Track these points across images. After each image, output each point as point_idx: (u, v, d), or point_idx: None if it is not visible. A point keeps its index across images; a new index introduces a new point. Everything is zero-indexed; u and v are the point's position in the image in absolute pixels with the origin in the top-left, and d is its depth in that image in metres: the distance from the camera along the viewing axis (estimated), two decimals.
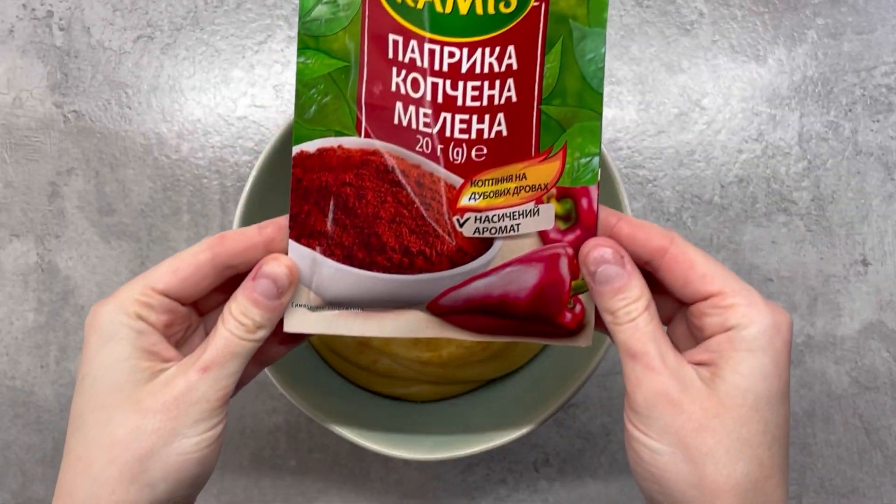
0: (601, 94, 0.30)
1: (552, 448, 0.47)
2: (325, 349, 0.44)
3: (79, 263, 0.47)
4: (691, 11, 0.49)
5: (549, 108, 0.30)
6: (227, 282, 0.31)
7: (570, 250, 0.30)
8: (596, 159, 0.30)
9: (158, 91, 0.48)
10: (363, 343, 0.43)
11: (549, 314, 0.31)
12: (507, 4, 0.29)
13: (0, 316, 0.47)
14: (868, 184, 0.48)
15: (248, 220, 0.41)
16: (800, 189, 0.48)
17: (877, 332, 0.48)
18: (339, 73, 0.29)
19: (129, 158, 0.48)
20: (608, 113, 0.48)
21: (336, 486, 0.47)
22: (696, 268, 0.29)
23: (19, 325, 0.47)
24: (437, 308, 0.31)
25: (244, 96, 0.48)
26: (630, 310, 0.29)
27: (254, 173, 0.40)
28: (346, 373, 0.44)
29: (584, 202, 0.30)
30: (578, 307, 0.31)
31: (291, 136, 0.41)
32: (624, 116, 0.48)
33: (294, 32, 0.48)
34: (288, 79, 0.48)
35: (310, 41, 0.29)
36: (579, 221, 0.30)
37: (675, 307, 0.32)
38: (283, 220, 0.31)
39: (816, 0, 0.49)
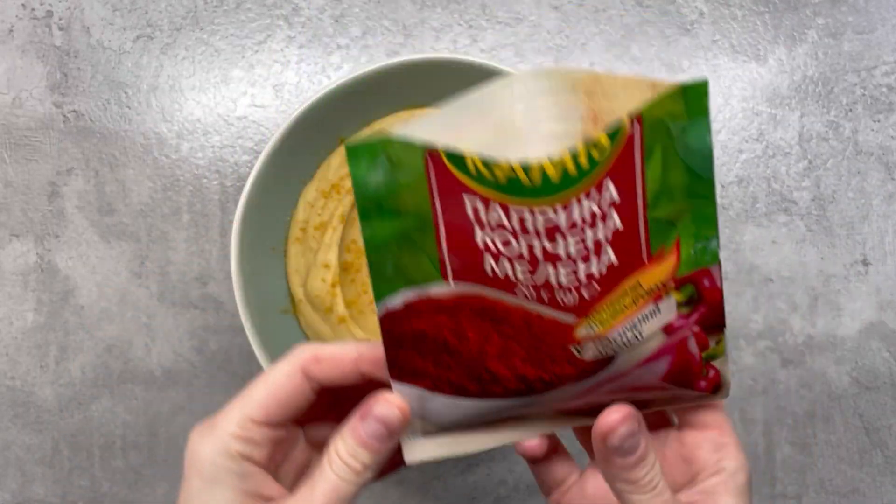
0: (712, 179, 0.27)
1: None
2: None
3: (78, 263, 0.47)
4: (691, 11, 0.49)
5: (657, 212, 0.27)
6: (325, 393, 0.29)
7: (696, 328, 0.29)
8: (714, 241, 0.28)
9: (158, 91, 0.48)
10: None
11: (684, 388, 0.30)
12: (599, 146, 0.25)
13: (0, 316, 0.47)
14: (868, 183, 0.48)
15: (248, 220, 0.41)
16: (800, 189, 0.48)
17: (877, 332, 0.48)
18: (411, 230, 0.27)
19: (129, 158, 0.48)
20: None
21: None
22: None
23: (19, 325, 0.47)
24: (565, 410, 0.30)
25: (244, 96, 0.48)
26: (651, 477, 0.28)
27: (254, 173, 0.40)
28: None
29: (707, 282, 0.28)
30: (712, 372, 0.30)
31: (291, 137, 0.41)
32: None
33: (294, 32, 0.48)
34: (288, 78, 0.48)
35: (371, 208, 0.26)
36: (703, 300, 0.28)
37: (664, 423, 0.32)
38: (378, 350, 0.28)
39: (816, 0, 0.49)
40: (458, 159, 0.26)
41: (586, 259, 0.26)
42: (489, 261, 0.27)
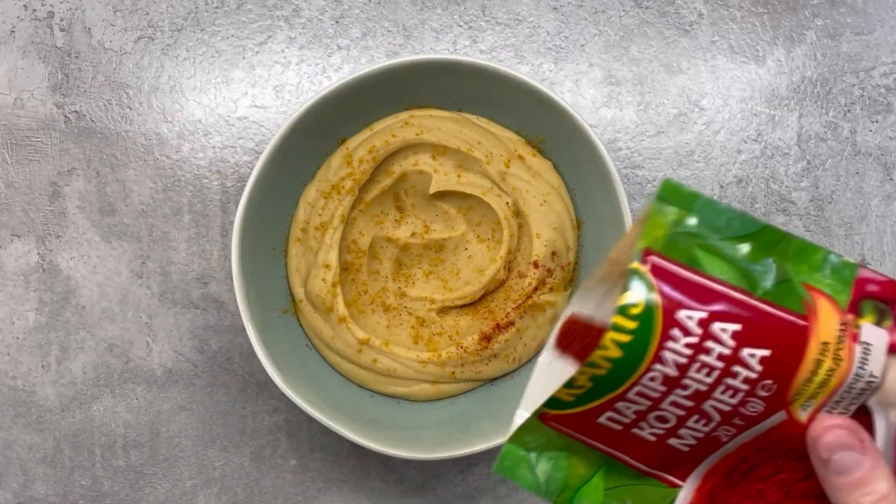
0: (765, 225, 0.27)
1: None
2: (325, 349, 0.44)
3: (80, 263, 0.47)
4: (690, 12, 0.49)
5: (761, 288, 0.26)
6: None
7: None
8: (831, 255, 0.27)
9: (159, 91, 0.48)
10: (363, 343, 0.43)
11: None
12: (625, 309, 0.25)
13: (1, 316, 0.47)
14: (867, 184, 0.49)
15: (249, 220, 0.41)
16: (799, 189, 0.48)
17: None
18: (618, 476, 0.28)
19: (130, 159, 0.48)
20: (607, 113, 0.48)
21: (336, 485, 0.47)
22: None
23: (20, 325, 0.47)
24: None
25: (245, 97, 0.48)
26: None
27: (254, 174, 0.40)
28: (346, 373, 0.44)
29: (873, 286, 0.27)
30: None
31: (291, 138, 0.41)
32: (623, 117, 0.48)
33: (294, 33, 0.49)
34: (288, 79, 0.48)
35: (562, 489, 0.28)
36: (890, 299, 0.27)
37: None
38: None
39: (815, 1, 0.49)
40: (557, 404, 0.27)
41: (724, 376, 0.26)
42: (672, 440, 0.27)
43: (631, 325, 0.25)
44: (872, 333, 0.26)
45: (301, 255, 0.44)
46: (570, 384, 0.26)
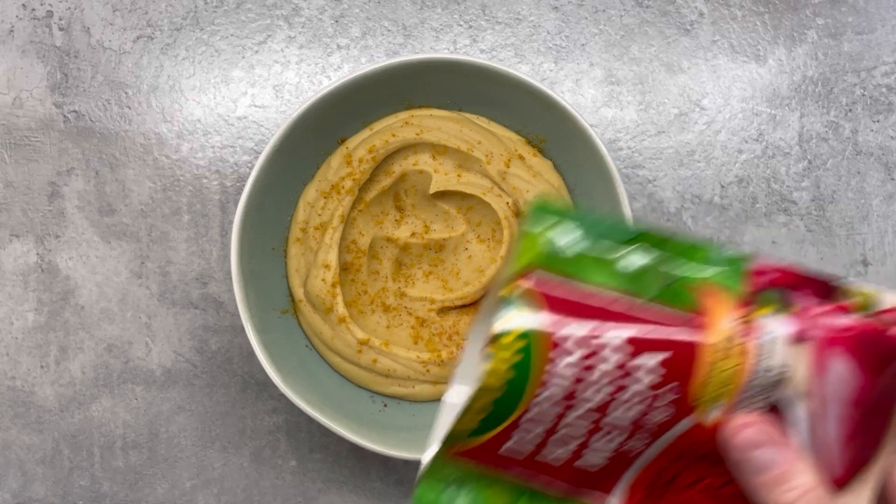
0: (638, 230, 0.26)
1: None
2: (325, 349, 0.44)
3: (79, 263, 0.47)
4: (691, 11, 0.49)
5: (646, 293, 0.26)
6: None
7: (819, 309, 0.26)
8: (720, 249, 0.26)
9: (158, 91, 0.48)
10: (363, 343, 0.43)
11: (889, 361, 0.26)
12: (505, 335, 0.25)
13: (0, 316, 0.47)
14: (868, 184, 0.48)
15: (248, 220, 0.41)
16: (800, 189, 0.48)
17: None
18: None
19: (129, 158, 0.48)
20: (608, 113, 0.48)
21: (336, 485, 0.47)
22: None
23: (19, 325, 0.47)
24: None
25: (244, 96, 0.48)
26: (798, 503, 0.23)
27: (254, 174, 0.40)
28: (346, 373, 0.44)
29: (769, 276, 0.26)
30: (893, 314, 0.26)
31: (291, 137, 0.41)
32: (624, 116, 0.48)
33: (294, 32, 0.48)
34: (288, 78, 0.48)
35: None
36: (788, 288, 0.26)
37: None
38: None
39: (816, 0, 0.49)
40: (461, 436, 0.26)
41: (621, 389, 0.25)
42: (585, 459, 0.27)
43: (515, 345, 0.24)
44: (773, 324, 0.25)
45: (301, 255, 0.44)
46: (469, 409, 0.25)
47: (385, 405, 0.44)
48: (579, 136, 0.41)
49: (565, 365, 0.25)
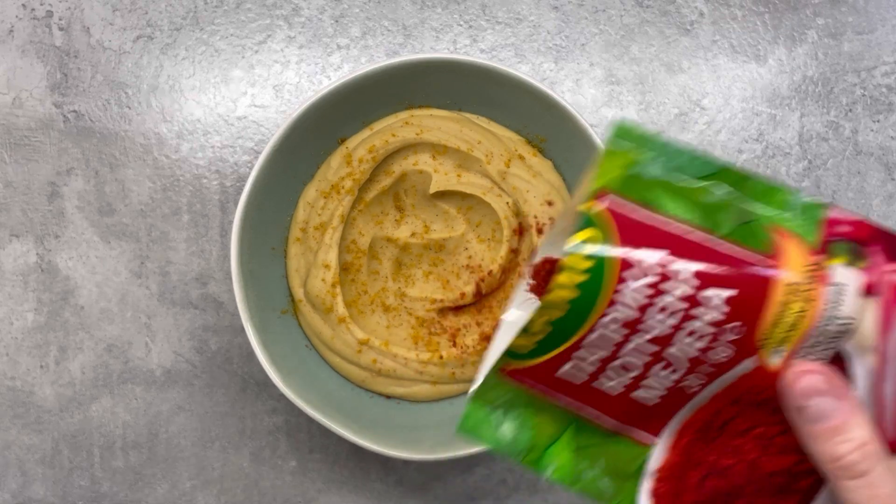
0: (725, 166, 0.26)
1: None
2: (324, 349, 0.44)
3: (78, 263, 0.47)
4: (691, 11, 0.49)
5: (723, 229, 0.25)
6: None
7: (891, 265, 0.25)
8: (798, 195, 0.26)
9: (158, 91, 0.48)
10: (363, 343, 0.43)
11: None
12: (573, 257, 0.24)
13: (0, 316, 0.47)
14: (868, 184, 0.48)
15: (248, 220, 0.41)
16: (800, 189, 0.48)
17: None
18: (588, 435, 0.28)
19: (129, 158, 0.48)
20: (608, 113, 0.48)
21: (336, 486, 0.47)
22: None
23: (19, 326, 0.47)
24: None
25: (244, 96, 0.48)
26: (857, 458, 0.23)
27: (254, 173, 0.40)
28: (346, 373, 0.44)
29: (845, 226, 0.26)
30: None
31: (291, 137, 0.41)
32: (624, 116, 0.48)
33: (294, 32, 0.48)
34: (288, 78, 0.48)
35: (534, 450, 0.27)
36: (863, 240, 0.26)
37: None
38: None
39: (816, 0, 0.49)
40: (517, 354, 0.26)
41: (685, 321, 0.25)
42: (639, 392, 0.26)
43: (585, 264, 0.24)
44: (845, 275, 0.25)
45: (300, 255, 0.44)
46: (527, 329, 0.25)
47: (385, 405, 0.44)
48: (579, 136, 0.41)
49: (634, 289, 0.24)
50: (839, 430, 0.23)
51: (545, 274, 0.29)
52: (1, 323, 0.47)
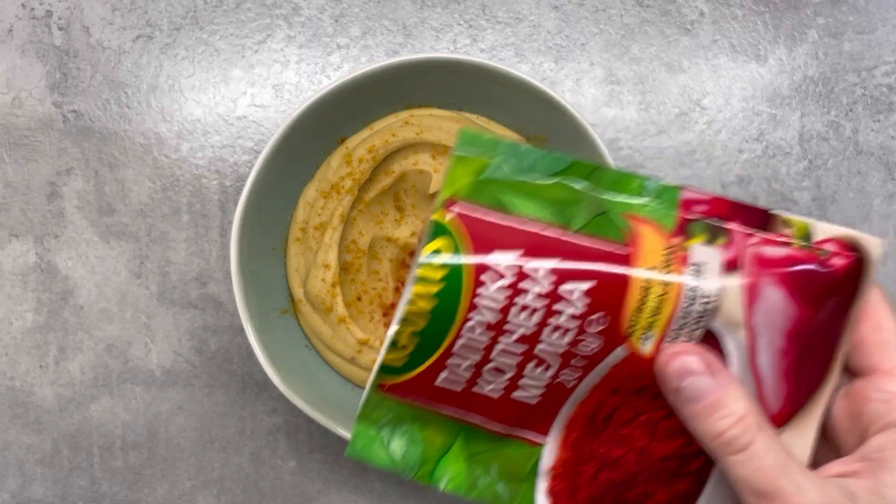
0: (575, 160, 0.26)
1: None
2: (324, 349, 0.44)
3: (78, 263, 0.47)
4: (692, 11, 0.49)
5: (577, 222, 0.26)
6: None
7: (753, 240, 0.25)
8: (649, 181, 0.26)
9: (158, 91, 0.48)
10: (363, 343, 0.43)
11: (817, 288, 0.25)
12: (430, 267, 0.25)
13: None
14: (869, 184, 0.48)
15: (247, 220, 0.41)
16: (801, 189, 0.48)
17: None
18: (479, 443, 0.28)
19: (129, 158, 0.48)
20: (608, 113, 0.48)
21: (336, 486, 0.47)
22: (880, 331, 0.24)
23: (18, 326, 0.47)
24: None
25: (244, 96, 0.48)
26: (737, 432, 0.23)
27: (253, 173, 0.40)
28: (346, 373, 0.44)
29: (700, 207, 0.26)
30: (830, 246, 0.25)
31: (291, 137, 0.41)
32: (624, 116, 0.48)
33: (293, 32, 0.48)
34: (287, 78, 0.48)
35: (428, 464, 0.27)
36: (720, 218, 0.26)
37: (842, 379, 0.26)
38: None
39: (817, 0, 0.49)
40: (391, 370, 0.26)
41: (549, 316, 0.25)
42: (519, 392, 0.26)
43: (439, 273, 0.25)
44: (703, 253, 0.25)
45: (300, 255, 0.44)
46: (395, 343, 0.26)
47: None
48: (580, 136, 0.41)
49: (492, 292, 0.25)
50: (716, 406, 0.23)
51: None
52: (0, 323, 0.47)
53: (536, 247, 0.25)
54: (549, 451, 0.27)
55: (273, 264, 0.44)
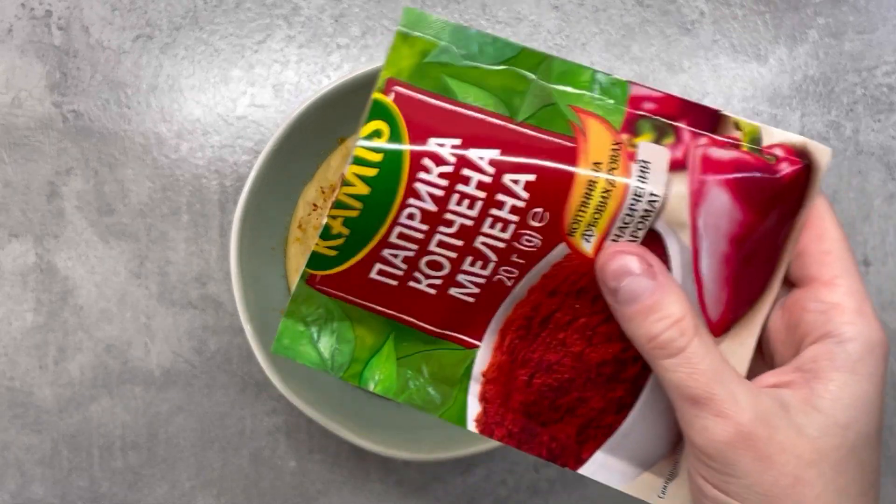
0: (520, 47, 0.25)
1: None
2: None
3: (78, 263, 0.47)
4: (692, 11, 0.49)
5: (525, 112, 0.25)
6: None
7: (701, 141, 0.24)
8: (598, 74, 0.25)
9: (157, 90, 0.48)
10: None
11: (764, 195, 0.25)
12: (374, 138, 0.24)
13: None
14: (869, 183, 0.48)
15: (247, 220, 0.40)
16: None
17: None
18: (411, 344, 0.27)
19: (128, 158, 0.48)
20: None
21: (336, 486, 0.47)
22: (823, 241, 0.24)
23: (18, 326, 0.47)
24: None
25: (243, 96, 0.48)
26: (673, 336, 0.22)
27: (253, 173, 0.40)
28: None
29: (648, 104, 0.25)
30: (778, 150, 0.24)
31: (290, 137, 0.41)
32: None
33: (293, 31, 0.48)
34: (287, 78, 0.48)
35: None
36: (670, 116, 0.25)
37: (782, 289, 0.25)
38: None
39: (817, 0, 0.49)
40: (321, 262, 0.25)
41: (489, 207, 0.24)
42: (454, 290, 0.25)
43: (375, 157, 0.24)
44: (650, 151, 0.24)
45: (300, 255, 0.44)
46: (326, 234, 0.24)
47: (385, 406, 0.44)
48: None
49: (429, 180, 0.24)
50: (653, 308, 0.23)
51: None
52: (0, 323, 0.47)
53: (480, 135, 0.24)
54: (483, 355, 0.26)
55: (273, 264, 0.44)
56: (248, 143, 0.48)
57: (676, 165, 0.24)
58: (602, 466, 0.26)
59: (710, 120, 0.25)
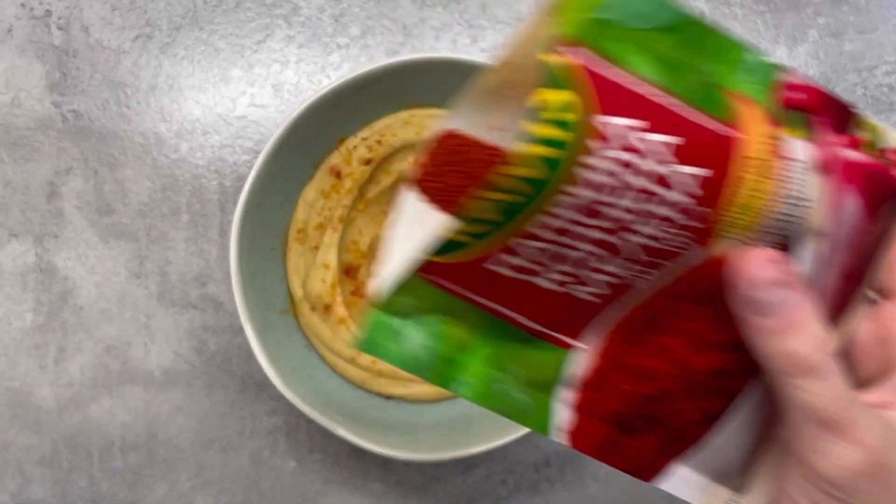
0: (686, 16, 0.21)
1: (553, 449, 0.47)
2: (324, 349, 0.44)
3: (77, 263, 0.47)
4: (692, 11, 0.49)
5: (682, 85, 0.21)
6: None
7: (842, 140, 0.22)
8: (755, 55, 0.21)
9: (157, 90, 0.48)
10: None
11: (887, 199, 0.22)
12: (550, 105, 0.20)
13: None
14: None
15: (247, 220, 0.40)
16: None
17: None
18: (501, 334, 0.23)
19: (128, 158, 0.48)
20: None
21: (336, 486, 0.47)
22: None
23: (18, 326, 0.47)
24: None
25: (243, 96, 0.48)
26: (816, 356, 0.21)
27: (253, 173, 0.40)
28: (346, 373, 0.44)
29: (797, 93, 0.22)
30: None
31: (290, 137, 0.41)
32: None
33: (293, 31, 0.48)
34: (287, 78, 0.48)
35: (437, 366, 0.22)
36: (815, 110, 0.22)
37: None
38: None
39: (817, 0, 0.49)
40: (444, 248, 0.21)
41: (658, 200, 0.20)
42: (576, 287, 0.22)
43: (555, 133, 0.19)
44: (798, 148, 0.21)
45: (300, 256, 0.44)
46: (470, 218, 0.20)
47: (384, 406, 0.44)
48: None
49: (601, 166, 0.20)
50: (797, 325, 0.21)
51: (454, 160, 0.24)
52: (0, 323, 0.47)
53: (659, 118, 0.20)
54: (582, 357, 0.23)
55: (273, 264, 0.44)
56: (248, 143, 0.48)
57: (821, 166, 0.22)
58: (684, 481, 0.23)
59: (843, 117, 0.23)
